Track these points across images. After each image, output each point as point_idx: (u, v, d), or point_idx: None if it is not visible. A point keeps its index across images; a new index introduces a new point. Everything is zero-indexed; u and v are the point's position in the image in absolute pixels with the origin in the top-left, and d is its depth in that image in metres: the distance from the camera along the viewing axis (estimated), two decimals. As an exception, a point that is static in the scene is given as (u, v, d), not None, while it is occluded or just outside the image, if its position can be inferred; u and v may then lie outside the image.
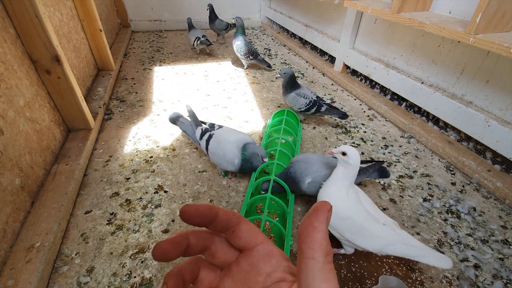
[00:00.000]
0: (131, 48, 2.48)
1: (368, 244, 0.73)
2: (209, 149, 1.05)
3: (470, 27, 0.95)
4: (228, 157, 1.01)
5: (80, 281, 0.75)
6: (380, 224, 0.72)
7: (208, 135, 1.07)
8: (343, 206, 0.73)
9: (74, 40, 1.44)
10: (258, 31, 3.16)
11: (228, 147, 1.01)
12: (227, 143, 1.02)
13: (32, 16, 0.94)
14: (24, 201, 0.84)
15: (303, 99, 1.34)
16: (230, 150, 1.01)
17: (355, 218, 0.72)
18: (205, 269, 0.25)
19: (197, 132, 1.10)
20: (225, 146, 1.02)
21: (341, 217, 0.72)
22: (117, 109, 1.54)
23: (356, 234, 0.73)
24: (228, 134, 1.06)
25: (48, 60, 1.03)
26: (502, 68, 1.08)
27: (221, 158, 1.02)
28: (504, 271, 0.80)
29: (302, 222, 0.20)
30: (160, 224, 0.91)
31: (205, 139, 1.07)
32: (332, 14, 2.10)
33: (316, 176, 0.88)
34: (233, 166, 1.01)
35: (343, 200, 0.73)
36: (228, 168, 1.03)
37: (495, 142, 1.09)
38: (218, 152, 1.03)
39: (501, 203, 1.03)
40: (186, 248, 0.23)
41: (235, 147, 1.01)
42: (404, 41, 1.49)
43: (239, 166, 1.01)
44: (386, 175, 1.00)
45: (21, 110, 0.90)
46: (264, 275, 0.23)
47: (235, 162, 1.00)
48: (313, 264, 0.19)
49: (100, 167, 1.14)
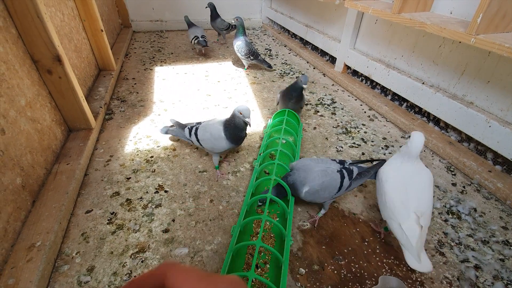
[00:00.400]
0: (132, 48, 2.48)
1: (381, 208, 0.84)
2: (199, 138, 1.11)
3: (471, 28, 0.95)
4: (214, 135, 1.06)
5: (80, 280, 0.75)
6: (399, 202, 0.77)
7: (195, 128, 1.14)
8: (386, 170, 0.85)
9: (76, 40, 1.45)
10: (259, 32, 3.16)
11: (212, 127, 1.08)
12: (210, 125, 1.09)
13: (34, 16, 0.94)
14: (25, 200, 0.84)
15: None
16: (214, 128, 1.07)
17: (385, 184, 0.82)
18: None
19: (185, 132, 1.17)
20: (209, 128, 1.08)
21: (379, 177, 0.86)
22: (118, 109, 1.55)
23: (379, 195, 0.85)
24: (211, 120, 1.14)
25: (49, 60, 1.03)
26: (503, 69, 1.08)
27: (210, 139, 1.08)
28: (505, 272, 0.80)
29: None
30: (160, 223, 0.91)
31: (194, 133, 1.13)
32: (333, 14, 2.10)
33: (314, 184, 0.88)
34: (222, 140, 1.05)
35: (391, 166, 0.85)
36: (221, 145, 1.06)
37: (496, 143, 1.09)
38: (206, 136, 1.09)
39: (502, 204, 1.02)
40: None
41: (217, 123, 1.08)
42: (405, 41, 1.49)
43: (226, 137, 1.05)
44: None
45: (22, 109, 0.90)
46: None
47: (222, 135, 1.05)
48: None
49: (101, 166, 1.14)
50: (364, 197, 1.04)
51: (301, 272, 0.79)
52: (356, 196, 1.04)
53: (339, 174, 0.89)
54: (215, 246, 0.85)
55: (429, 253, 0.85)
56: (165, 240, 0.86)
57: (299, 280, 0.77)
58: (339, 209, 0.99)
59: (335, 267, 0.81)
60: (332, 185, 0.88)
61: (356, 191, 1.06)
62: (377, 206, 1.00)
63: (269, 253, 0.82)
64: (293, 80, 1.96)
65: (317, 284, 0.76)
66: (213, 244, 0.86)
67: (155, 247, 0.84)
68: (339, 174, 0.89)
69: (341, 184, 0.89)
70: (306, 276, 0.78)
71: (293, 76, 2.03)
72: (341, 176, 0.89)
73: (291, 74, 2.08)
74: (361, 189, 1.07)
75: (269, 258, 0.81)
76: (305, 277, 0.78)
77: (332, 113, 1.58)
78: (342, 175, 0.89)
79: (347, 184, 0.90)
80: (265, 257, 0.82)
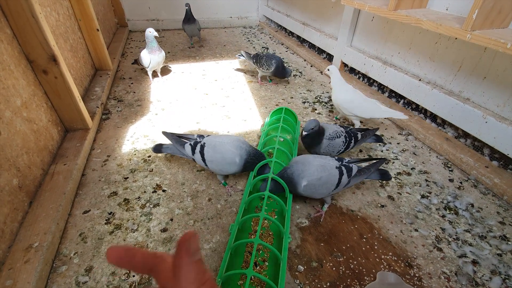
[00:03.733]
0: (129, 47, 2.47)
1: (366, 113, 1.29)
2: (206, 159, 1.00)
3: (466, 24, 0.95)
4: (228, 159, 0.98)
5: (78, 281, 0.75)
6: (369, 100, 1.31)
7: (200, 146, 1.02)
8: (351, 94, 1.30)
9: (71, 40, 1.44)
10: (256, 30, 3.16)
11: (225, 148, 0.99)
12: (222, 145, 0.99)
13: (29, 16, 0.94)
14: (22, 201, 0.84)
15: (338, 140, 1.09)
16: (228, 151, 0.98)
17: (359, 99, 1.30)
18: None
19: (186, 149, 1.04)
20: (221, 149, 0.99)
21: (348, 100, 1.30)
22: (115, 108, 1.54)
23: (359, 108, 1.29)
24: (220, 137, 1.04)
25: (45, 60, 1.02)
26: (499, 65, 1.09)
27: (221, 161, 0.99)
28: (502, 267, 0.80)
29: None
30: (158, 223, 0.91)
31: (198, 151, 1.02)
32: (329, 12, 2.10)
33: (312, 179, 0.88)
34: (236, 165, 0.98)
35: (349, 91, 1.32)
36: (230, 170, 1.00)
37: (492, 138, 1.09)
38: (216, 157, 0.99)
39: (499, 199, 1.03)
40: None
41: (232, 146, 0.99)
42: (402, 38, 1.49)
43: (242, 164, 0.98)
44: (387, 178, 0.99)
45: (18, 110, 0.90)
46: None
47: (237, 161, 0.98)
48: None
49: (98, 166, 1.13)
50: (362, 194, 1.04)
51: (300, 269, 0.79)
52: (354, 193, 1.04)
53: (338, 170, 0.90)
54: (214, 245, 0.85)
55: (426, 248, 0.85)
56: (164, 240, 0.86)
57: (297, 277, 0.77)
58: (337, 206, 0.99)
59: (334, 264, 0.81)
60: (330, 181, 0.88)
61: (354, 188, 1.07)
62: (374, 202, 1.00)
63: (267, 251, 0.83)
64: (291, 78, 1.96)
65: (316, 281, 0.76)
66: (212, 242, 0.86)
67: (153, 246, 0.84)
68: (337, 170, 0.89)
69: (340, 180, 0.89)
70: (305, 273, 0.78)
71: (290, 75, 2.03)
72: (339, 172, 0.89)
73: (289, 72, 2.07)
74: (359, 186, 1.07)
75: (267, 256, 0.81)
76: (303, 274, 0.78)
77: (330, 110, 1.58)
78: (341, 172, 0.90)
79: (345, 181, 0.90)
80: (263, 254, 0.82)
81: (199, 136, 1.08)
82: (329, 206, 0.99)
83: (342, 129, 1.12)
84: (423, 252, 0.85)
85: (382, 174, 0.99)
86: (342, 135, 1.09)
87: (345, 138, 1.09)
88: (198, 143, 1.03)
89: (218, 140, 1.02)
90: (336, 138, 1.08)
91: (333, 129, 1.10)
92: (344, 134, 1.10)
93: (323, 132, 1.09)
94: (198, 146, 1.02)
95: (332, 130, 1.10)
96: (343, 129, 1.12)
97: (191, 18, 2.32)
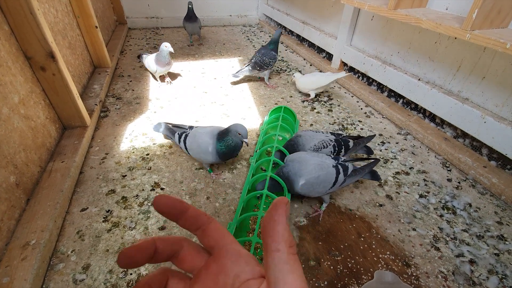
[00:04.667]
0: (128, 45, 2.46)
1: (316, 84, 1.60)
2: (187, 147, 1.06)
3: (466, 23, 0.95)
4: (202, 147, 1.01)
5: (76, 278, 0.75)
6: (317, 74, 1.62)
7: (184, 135, 1.08)
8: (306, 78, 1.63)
9: (70, 37, 1.43)
10: (256, 29, 3.15)
11: (201, 138, 1.02)
12: (200, 135, 1.04)
13: (27, 12, 0.93)
14: (19, 198, 0.83)
15: (325, 150, 1.05)
16: (203, 140, 1.02)
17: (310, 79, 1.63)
18: (174, 279, 0.24)
19: (175, 139, 1.12)
20: (198, 138, 1.03)
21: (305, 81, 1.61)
22: (113, 106, 1.53)
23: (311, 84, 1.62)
24: (202, 128, 1.08)
25: (42, 57, 1.02)
26: (499, 64, 1.09)
27: (197, 150, 1.03)
28: (500, 266, 0.80)
29: (264, 218, 0.20)
30: (156, 221, 0.91)
31: (182, 140, 1.08)
32: (329, 11, 2.10)
33: (310, 178, 0.88)
34: (210, 155, 1.01)
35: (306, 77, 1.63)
36: (208, 159, 1.03)
37: (491, 139, 1.10)
38: (193, 146, 1.04)
39: (496, 199, 1.03)
40: (154, 253, 0.23)
41: (208, 136, 1.02)
42: (401, 38, 1.49)
43: (215, 153, 1.01)
44: (377, 178, 1.01)
45: (16, 107, 0.89)
46: (232, 276, 0.23)
47: (209, 150, 1.00)
48: (279, 257, 0.19)
49: (96, 164, 1.13)
50: (360, 193, 1.04)
51: (298, 268, 0.79)
52: (353, 192, 1.04)
53: (335, 169, 0.90)
54: (212, 243, 0.85)
55: (424, 247, 0.86)
56: (161, 238, 0.86)
57: (295, 276, 0.77)
58: (335, 205, 0.99)
59: (332, 263, 0.81)
60: (328, 179, 0.88)
61: (352, 187, 1.07)
62: (373, 201, 1.00)
63: (265, 250, 0.82)
64: (290, 77, 1.96)
65: (314, 280, 0.76)
66: (210, 241, 0.86)
67: (151, 244, 0.84)
68: (334, 169, 0.89)
69: (336, 179, 0.89)
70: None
71: (290, 73, 2.03)
72: (336, 171, 0.89)
73: (288, 71, 2.07)
74: (357, 185, 1.07)
75: (265, 255, 0.81)
76: (301, 273, 0.78)
77: (329, 110, 1.58)
78: (338, 171, 0.90)
79: (341, 180, 0.90)
80: (261, 253, 0.82)
81: (189, 127, 1.13)
82: (327, 205, 0.99)
83: (333, 137, 1.07)
84: (420, 251, 0.85)
85: (373, 175, 1.00)
86: (330, 145, 1.05)
87: (334, 147, 1.05)
88: (183, 133, 1.09)
89: (199, 131, 1.06)
90: (322, 148, 1.04)
91: (319, 138, 1.05)
92: (333, 143, 1.05)
93: (303, 144, 1.04)
94: (183, 135, 1.08)
95: (319, 140, 1.05)
96: (333, 137, 1.07)
97: (193, 16, 2.29)
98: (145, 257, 0.22)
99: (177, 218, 0.24)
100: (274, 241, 0.20)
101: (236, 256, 0.24)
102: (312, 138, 1.05)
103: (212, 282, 0.23)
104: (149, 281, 0.23)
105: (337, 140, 1.06)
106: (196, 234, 0.25)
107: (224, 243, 0.24)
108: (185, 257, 0.25)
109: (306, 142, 1.05)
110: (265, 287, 0.21)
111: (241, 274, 0.23)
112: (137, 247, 0.22)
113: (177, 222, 0.24)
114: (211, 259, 0.24)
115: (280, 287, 0.19)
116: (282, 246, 0.19)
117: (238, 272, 0.23)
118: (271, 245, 0.20)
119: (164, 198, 0.24)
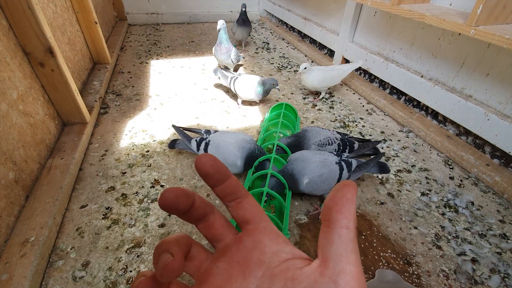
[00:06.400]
0: (128, 41, 2.45)
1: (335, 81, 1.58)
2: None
3: (471, 19, 0.93)
4: (229, 160, 0.97)
5: (75, 276, 0.74)
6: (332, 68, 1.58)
7: (204, 143, 1.02)
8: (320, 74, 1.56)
9: (69, 33, 1.42)
10: (257, 25, 3.12)
11: (228, 150, 0.97)
12: (226, 146, 0.98)
13: (25, 7, 0.92)
14: (19, 195, 0.83)
15: (329, 147, 1.04)
16: (231, 152, 0.97)
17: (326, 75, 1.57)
18: (196, 247, 0.23)
19: (192, 146, 1.05)
20: (224, 150, 0.98)
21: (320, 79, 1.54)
22: (113, 103, 1.53)
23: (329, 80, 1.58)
24: (225, 136, 1.02)
25: (41, 53, 1.01)
26: (503, 61, 1.07)
27: (223, 162, 0.99)
28: (502, 265, 0.80)
29: (334, 195, 0.19)
30: (156, 218, 0.91)
31: (203, 148, 1.01)
32: (331, 6, 2.07)
33: (314, 176, 0.87)
34: (237, 168, 0.98)
35: (317, 72, 1.56)
36: (232, 171, 1.00)
37: (494, 136, 1.08)
38: (218, 157, 0.99)
39: (499, 197, 1.02)
40: (192, 205, 0.22)
41: (235, 148, 0.97)
42: (404, 34, 1.47)
43: (243, 166, 0.97)
44: (386, 171, 1.00)
45: (14, 103, 0.88)
46: (269, 253, 0.21)
47: (238, 164, 0.96)
48: (347, 234, 0.19)
49: (96, 161, 1.13)
50: (362, 191, 1.03)
51: (298, 266, 0.79)
52: (354, 190, 1.04)
53: (338, 166, 0.89)
54: (212, 241, 0.84)
55: (426, 246, 0.85)
56: (161, 235, 0.86)
57: (296, 274, 0.77)
58: (336, 203, 0.99)
59: (332, 261, 0.80)
60: (331, 177, 0.88)
61: (353, 185, 1.06)
62: (374, 199, 1.00)
63: (266, 247, 0.82)
64: (291, 74, 1.94)
65: (314, 278, 0.76)
66: (210, 238, 0.85)
67: (151, 241, 0.84)
68: (338, 166, 0.89)
69: (340, 176, 0.88)
70: (303, 270, 0.78)
71: (291, 70, 2.01)
72: (340, 168, 0.89)
73: (289, 67, 2.05)
74: (359, 183, 1.06)
75: (266, 252, 0.81)
76: (302, 271, 0.77)
77: (330, 107, 1.57)
78: (341, 167, 0.89)
79: (346, 176, 0.89)
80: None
81: (206, 132, 1.07)
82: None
83: (338, 136, 1.07)
84: (422, 250, 0.84)
85: (381, 167, 0.99)
86: (334, 143, 1.04)
87: (338, 146, 1.05)
88: (203, 140, 1.02)
89: (222, 139, 1.00)
90: (327, 145, 1.04)
91: (325, 135, 1.05)
92: (338, 142, 1.05)
93: (309, 138, 1.04)
94: (203, 143, 1.02)
95: (324, 136, 1.05)
96: (339, 136, 1.07)
97: (246, 20, 2.12)
98: (186, 203, 0.21)
99: (219, 182, 0.23)
100: (345, 218, 0.19)
101: (275, 235, 0.23)
102: (319, 133, 1.06)
103: (244, 258, 0.22)
104: (177, 238, 0.21)
105: (342, 140, 1.06)
106: (230, 206, 0.24)
107: (262, 219, 0.23)
108: (214, 223, 0.24)
109: (312, 136, 1.05)
110: (316, 265, 0.20)
111: (281, 253, 0.21)
112: (182, 189, 0.21)
113: (214, 187, 0.23)
114: (244, 233, 0.23)
115: (342, 265, 0.18)
116: (352, 224, 0.19)
117: (277, 251, 0.22)
118: (340, 221, 0.19)
119: (207, 157, 0.22)
